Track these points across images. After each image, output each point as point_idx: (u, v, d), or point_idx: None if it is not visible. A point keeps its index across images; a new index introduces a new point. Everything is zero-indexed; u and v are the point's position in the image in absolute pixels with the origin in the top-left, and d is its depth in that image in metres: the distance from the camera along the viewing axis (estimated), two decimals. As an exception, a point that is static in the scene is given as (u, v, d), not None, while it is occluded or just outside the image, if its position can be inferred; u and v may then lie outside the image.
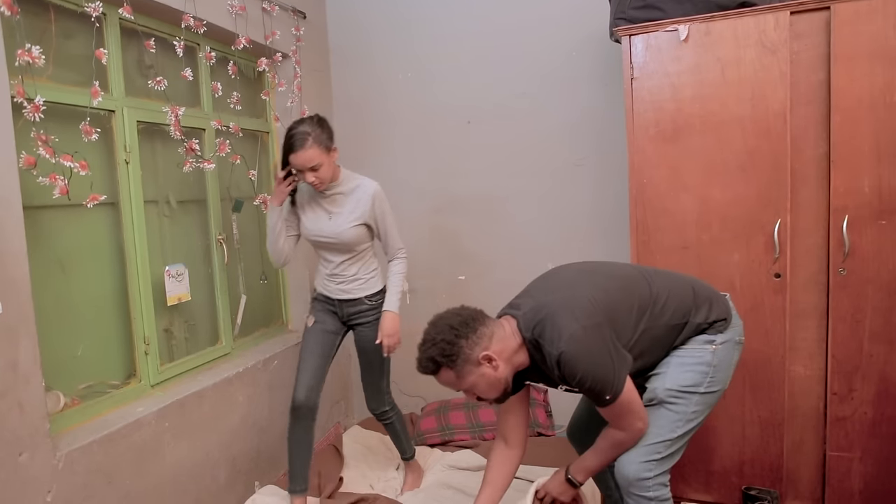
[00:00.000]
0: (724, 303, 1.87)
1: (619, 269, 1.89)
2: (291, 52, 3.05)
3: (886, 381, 2.20)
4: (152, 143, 2.39)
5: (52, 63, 1.87)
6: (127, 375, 2.26)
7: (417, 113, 3.40)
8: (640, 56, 2.34)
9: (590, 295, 1.69)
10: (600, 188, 3.08)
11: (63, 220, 2.02)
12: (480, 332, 1.65)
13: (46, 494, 1.74)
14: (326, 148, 2.27)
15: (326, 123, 2.32)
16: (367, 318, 2.48)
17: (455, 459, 2.83)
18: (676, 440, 1.77)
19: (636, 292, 1.77)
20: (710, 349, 1.78)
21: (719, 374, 1.79)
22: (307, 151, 2.22)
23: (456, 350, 1.63)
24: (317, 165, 2.24)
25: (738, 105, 2.25)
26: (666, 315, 1.77)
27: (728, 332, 1.82)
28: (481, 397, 1.74)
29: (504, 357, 1.68)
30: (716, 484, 2.45)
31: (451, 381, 1.69)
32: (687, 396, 1.76)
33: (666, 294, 1.79)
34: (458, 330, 1.64)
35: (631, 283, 1.81)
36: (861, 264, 2.18)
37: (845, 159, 2.16)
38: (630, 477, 1.76)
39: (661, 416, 1.77)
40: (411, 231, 3.46)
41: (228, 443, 2.52)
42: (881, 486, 2.25)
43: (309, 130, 2.23)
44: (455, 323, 1.66)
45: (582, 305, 1.65)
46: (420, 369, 1.69)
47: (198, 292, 2.60)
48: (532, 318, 1.68)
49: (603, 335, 1.63)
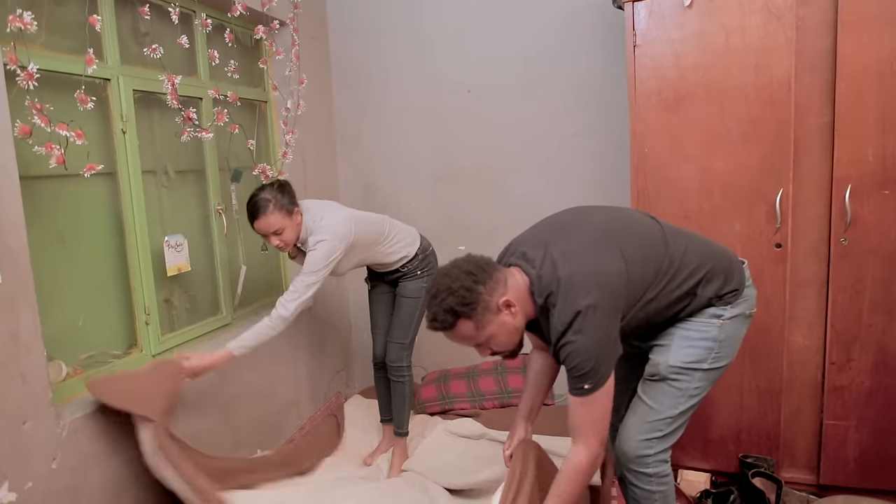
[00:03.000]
0: (739, 273, 1.76)
1: (642, 229, 1.72)
2: (289, 20, 2.99)
3: (885, 350, 2.21)
4: (149, 113, 2.36)
5: (44, 30, 1.83)
6: (128, 345, 2.27)
7: (417, 81, 3.36)
8: (643, 23, 2.30)
9: (612, 269, 1.56)
10: (601, 158, 3.06)
11: (61, 190, 2.01)
12: (497, 278, 1.55)
13: (51, 462, 1.76)
14: (288, 212, 2.35)
15: (288, 188, 2.40)
16: (408, 275, 2.69)
17: (455, 426, 2.86)
18: (678, 417, 1.73)
19: (653, 260, 1.65)
20: (717, 324, 1.70)
21: (725, 349, 1.72)
22: (269, 218, 2.31)
23: (475, 297, 1.51)
24: (279, 230, 2.34)
25: (742, 73, 2.22)
26: (675, 284, 1.67)
27: (738, 305, 1.73)
28: (496, 351, 1.65)
29: (521, 306, 1.59)
30: (713, 452, 2.48)
31: (469, 333, 1.56)
32: (690, 373, 1.70)
33: (679, 263, 1.67)
34: (476, 275, 1.53)
35: (651, 248, 1.67)
36: (863, 234, 2.17)
37: (850, 128, 2.14)
38: (630, 454, 1.75)
39: (663, 393, 1.73)
40: (411, 201, 3.45)
41: (230, 412, 2.55)
42: (876, 454, 2.28)
43: (269, 197, 2.31)
44: (471, 269, 1.54)
45: (601, 282, 1.53)
46: (435, 324, 1.56)
47: (197, 263, 2.60)
48: (546, 286, 1.56)
49: (611, 322, 1.54)
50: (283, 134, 3.01)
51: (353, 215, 2.48)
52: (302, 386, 3.11)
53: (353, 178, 3.59)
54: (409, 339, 2.69)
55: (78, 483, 1.85)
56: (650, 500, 1.79)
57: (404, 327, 2.68)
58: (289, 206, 2.35)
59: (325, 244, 2.33)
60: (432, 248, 2.77)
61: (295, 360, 3.04)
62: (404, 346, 2.69)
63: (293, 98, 3.03)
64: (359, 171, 3.56)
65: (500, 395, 3.07)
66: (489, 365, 3.19)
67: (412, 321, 2.69)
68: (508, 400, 3.05)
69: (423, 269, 2.68)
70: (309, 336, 3.17)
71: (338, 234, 2.35)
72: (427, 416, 3.09)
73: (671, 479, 1.82)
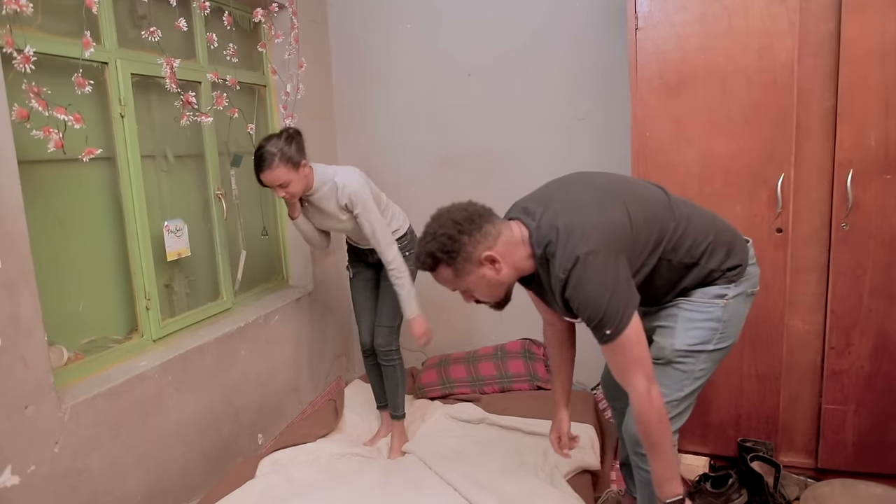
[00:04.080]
0: (743, 249, 1.73)
1: (645, 191, 1.71)
2: (288, 3, 2.97)
3: (884, 335, 2.21)
4: (147, 97, 2.35)
5: (41, 12, 1.81)
6: (129, 330, 2.28)
7: (417, 65, 3.33)
8: (645, 5, 2.28)
9: (614, 219, 1.54)
10: (602, 142, 3.04)
11: (59, 175, 2.00)
12: (486, 231, 1.54)
13: (54, 446, 1.78)
14: (295, 165, 2.30)
15: (297, 138, 2.34)
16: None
17: (456, 411, 2.87)
18: (684, 399, 1.71)
19: (658, 220, 1.62)
20: (721, 304, 1.67)
21: (729, 329, 1.70)
22: (274, 171, 2.27)
23: (457, 247, 1.51)
24: (285, 183, 2.30)
25: (744, 56, 2.20)
26: (679, 252, 1.63)
27: (742, 283, 1.69)
28: (480, 300, 1.65)
29: (509, 261, 1.56)
30: (712, 436, 2.50)
31: (448, 278, 1.58)
32: (695, 355, 1.68)
33: (683, 229, 1.63)
34: (462, 225, 1.52)
35: (656, 211, 1.63)
36: (864, 219, 2.17)
37: (852, 112, 2.12)
38: (637, 438, 1.71)
39: (668, 376, 1.70)
40: (411, 185, 3.44)
41: (231, 396, 2.56)
42: (874, 438, 2.29)
43: (275, 151, 2.26)
44: (460, 218, 1.54)
45: (603, 230, 1.50)
46: (417, 264, 1.60)
47: (198, 248, 2.60)
48: (545, 236, 1.53)
49: (618, 265, 1.50)
50: (283, 118, 3.00)
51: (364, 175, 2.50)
52: (302, 370, 3.12)
53: (353, 162, 3.55)
54: (398, 322, 2.67)
55: (80, 466, 1.86)
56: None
57: (392, 311, 2.64)
58: (296, 159, 2.30)
59: (351, 187, 2.37)
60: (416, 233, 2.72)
61: (295, 344, 3.05)
62: (393, 329, 2.67)
63: (292, 82, 3.01)
64: (359, 155, 3.55)
65: (500, 379, 3.08)
66: (489, 350, 3.20)
67: (399, 305, 2.64)
68: (508, 384, 3.06)
69: (409, 250, 2.59)
70: (309, 321, 3.18)
71: (355, 177, 2.41)
72: (427, 401, 3.09)
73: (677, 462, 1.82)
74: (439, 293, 1.89)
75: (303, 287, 3.25)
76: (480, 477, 2.20)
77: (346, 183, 2.38)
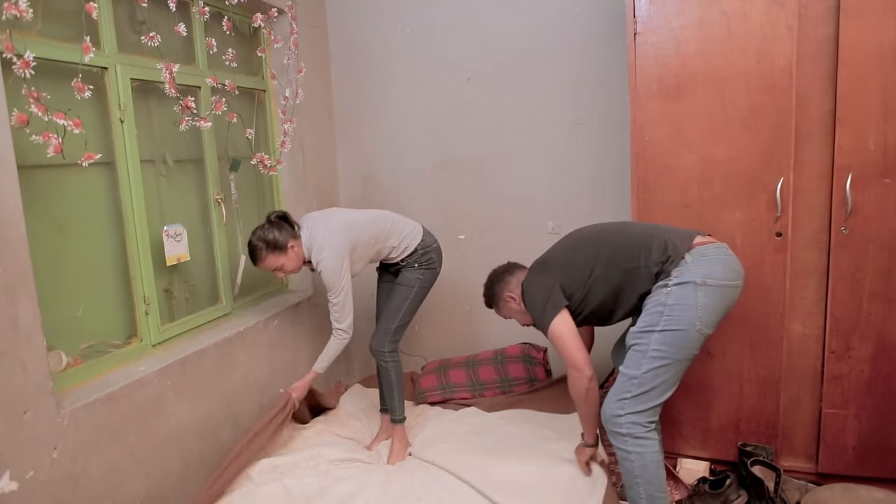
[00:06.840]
0: (683, 244, 1.98)
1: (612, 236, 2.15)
2: (287, 8, 2.97)
3: (884, 339, 2.21)
4: (147, 101, 2.35)
5: (40, 17, 1.82)
6: (128, 335, 2.27)
7: (416, 70, 3.34)
8: (644, 10, 2.28)
9: (546, 281, 2.14)
10: (601, 146, 3.05)
11: (59, 179, 2.00)
12: (506, 280, 2.32)
13: (52, 451, 1.77)
14: (282, 249, 2.44)
15: (279, 223, 2.46)
16: (407, 266, 2.72)
17: (456, 416, 2.86)
18: (642, 377, 1.92)
19: (604, 248, 2.09)
20: (665, 291, 1.93)
21: (676, 313, 1.89)
22: (265, 261, 2.45)
23: (493, 291, 2.35)
24: (279, 267, 2.48)
25: (743, 60, 2.20)
26: (618, 259, 2.04)
27: (683, 273, 1.92)
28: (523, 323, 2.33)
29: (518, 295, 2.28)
30: (713, 440, 2.49)
31: (496, 311, 2.40)
32: (645, 336, 1.93)
33: (624, 241, 2.06)
34: (494, 278, 2.37)
35: (607, 244, 2.11)
36: (863, 223, 2.17)
37: (851, 116, 2.12)
38: (606, 414, 1.99)
39: (629, 357, 1.97)
40: (410, 190, 3.44)
41: (230, 401, 2.55)
42: (874, 442, 2.28)
43: (260, 244, 2.42)
44: (497, 272, 2.38)
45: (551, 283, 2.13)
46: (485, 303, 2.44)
47: (197, 252, 2.59)
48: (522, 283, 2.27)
49: (547, 286, 2.11)
50: (282, 123, 3.00)
51: (346, 222, 2.52)
52: (301, 375, 3.09)
53: (352, 167, 3.58)
54: (395, 325, 2.70)
55: (79, 472, 1.85)
56: (627, 460, 1.97)
57: (392, 313, 2.70)
58: (281, 243, 2.43)
59: (327, 261, 2.43)
60: (436, 245, 2.76)
61: (294, 349, 3.04)
62: (388, 331, 2.69)
63: (292, 87, 3.01)
64: (358, 160, 3.55)
65: (500, 383, 3.07)
66: (489, 354, 3.20)
67: (401, 309, 2.70)
68: (509, 388, 3.06)
69: (420, 262, 2.69)
70: (309, 325, 3.17)
71: (334, 246, 2.44)
72: (427, 406, 3.09)
73: (652, 447, 1.94)
74: (440, 296, 1.90)
75: (302, 291, 3.25)
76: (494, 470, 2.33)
77: (318, 262, 2.47)
